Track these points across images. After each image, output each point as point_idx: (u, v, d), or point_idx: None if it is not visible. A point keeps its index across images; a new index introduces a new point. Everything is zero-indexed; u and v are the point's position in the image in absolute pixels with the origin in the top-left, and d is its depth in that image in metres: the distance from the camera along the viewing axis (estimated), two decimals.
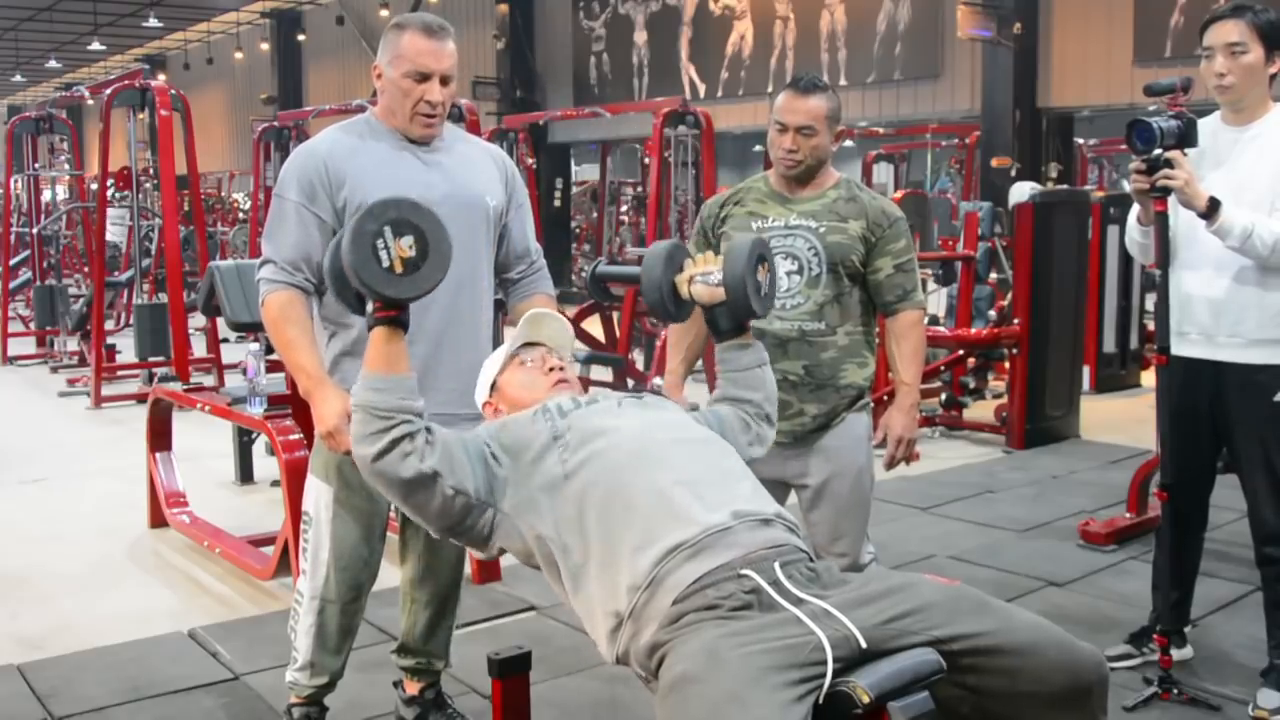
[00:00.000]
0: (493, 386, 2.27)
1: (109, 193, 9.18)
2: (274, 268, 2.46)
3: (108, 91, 8.12)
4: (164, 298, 8.11)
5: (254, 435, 5.48)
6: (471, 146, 2.71)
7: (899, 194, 10.69)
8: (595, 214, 15.83)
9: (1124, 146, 2.95)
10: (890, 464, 2.90)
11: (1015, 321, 6.72)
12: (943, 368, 6.98)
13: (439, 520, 1.95)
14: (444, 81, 2.53)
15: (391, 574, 4.26)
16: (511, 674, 2.06)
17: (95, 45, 24.00)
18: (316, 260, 2.42)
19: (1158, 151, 2.80)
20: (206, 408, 4.52)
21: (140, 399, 7.46)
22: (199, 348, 8.91)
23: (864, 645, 1.67)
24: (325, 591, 2.62)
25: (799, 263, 2.78)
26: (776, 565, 1.79)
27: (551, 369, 2.23)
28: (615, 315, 8.13)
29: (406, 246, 1.82)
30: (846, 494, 2.85)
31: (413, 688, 2.94)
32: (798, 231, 2.79)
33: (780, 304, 2.77)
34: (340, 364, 2.54)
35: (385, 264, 1.80)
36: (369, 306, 1.89)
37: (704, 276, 2.18)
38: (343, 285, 1.95)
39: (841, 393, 2.82)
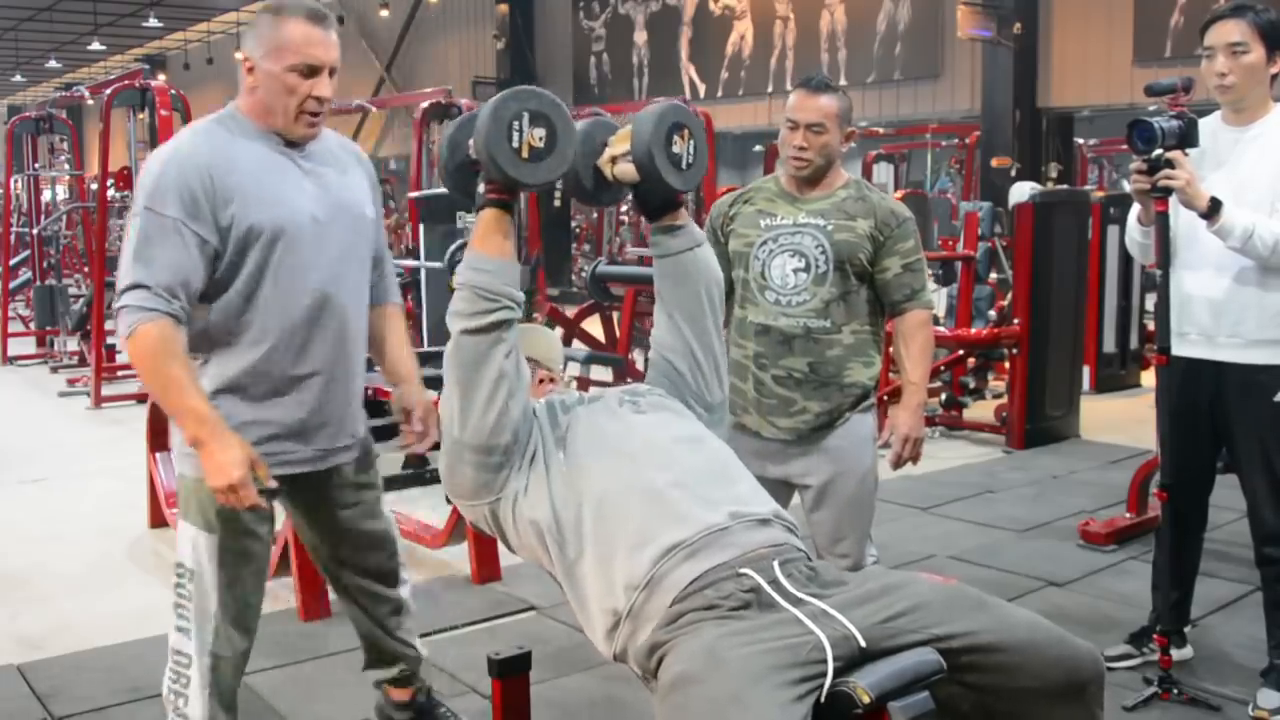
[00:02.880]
0: None
1: (109, 193, 9.17)
2: (145, 293, 2.09)
3: (108, 91, 8.13)
4: None
5: None
6: (340, 149, 2.45)
7: (899, 194, 10.69)
8: (595, 214, 15.83)
9: (1124, 146, 2.95)
10: (897, 463, 2.90)
11: (1015, 321, 6.72)
12: (943, 368, 6.98)
13: (475, 426, 1.89)
14: (330, 74, 2.29)
15: None
16: (511, 674, 2.06)
17: (95, 45, 24.00)
18: (195, 286, 2.15)
19: (1158, 151, 2.80)
20: None
21: (140, 399, 7.45)
22: None
23: (863, 645, 1.67)
24: (217, 647, 2.31)
25: (806, 260, 2.78)
26: (775, 564, 1.80)
27: (541, 381, 2.26)
28: (615, 315, 8.13)
29: (538, 137, 1.85)
30: (849, 495, 2.84)
31: (401, 694, 2.74)
32: (805, 229, 2.79)
33: (786, 301, 2.78)
34: (220, 401, 2.22)
35: (515, 145, 1.84)
36: (480, 189, 1.93)
37: (625, 156, 2.03)
38: (461, 169, 1.99)
39: (845, 391, 2.81)
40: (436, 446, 2.13)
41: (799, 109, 2.77)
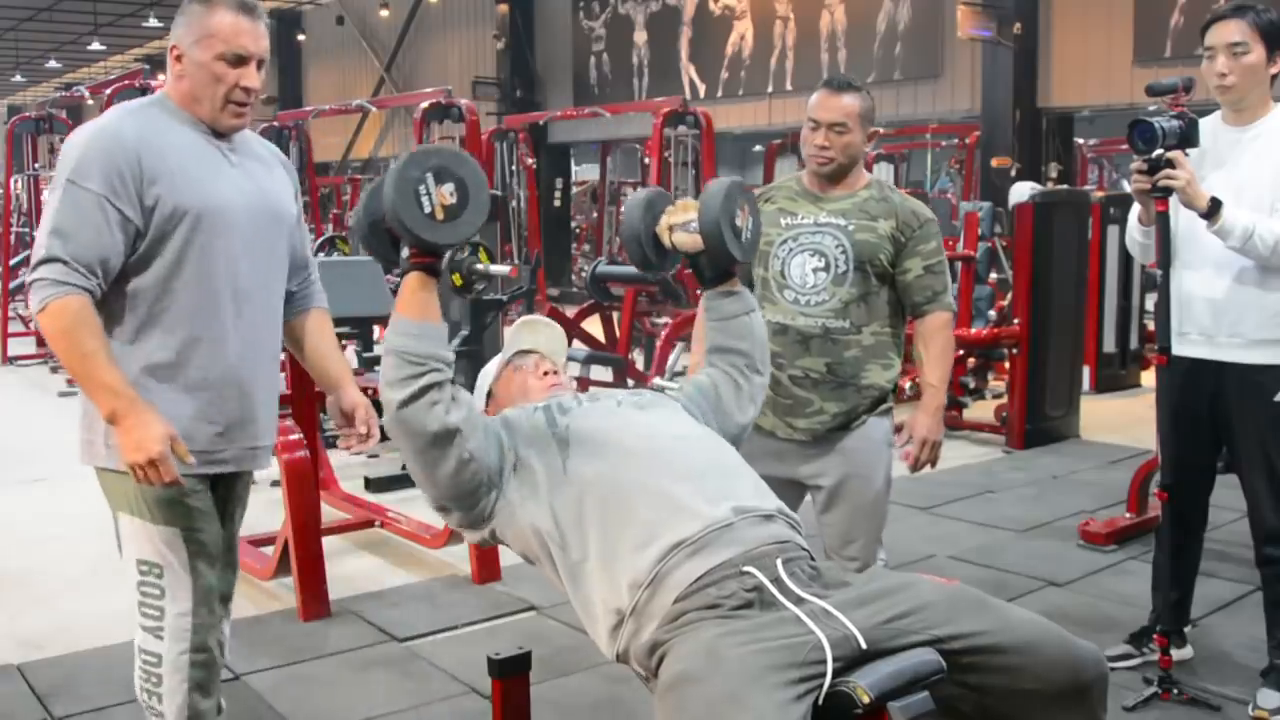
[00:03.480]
0: (489, 395, 2.28)
1: None
2: (63, 267, 2.03)
3: (108, 91, 8.13)
4: None
5: None
6: (261, 145, 2.40)
7: None
8: (595, 214, 15.84)
9: (1124, 146, 2.95)
10: (915, 466, 2.89)
11: (1015, 321, 6.72)
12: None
13: (447, 485, 1.90)
14: (259, 65, 2.22)
15: (392, 575, 4.27)
16: (511, 674, 2.06)
17: (95, 45, 23.99)
18: (113, 265, 2.09)
19: (1159, 151, 2.80)
20: None
21: None
22: None
23: (864, 645, 1.67)
24: (196, 641, 2.24)
25: (826, 260, 2.77)
26: (779, 562, 1.79)
27: (546, 373, 2.25)
28: (615, 315, 8.13)
29: (448, 194, 1.83)
30: (862, 497, 2.83)
31: None
32: (826, 229, 2.78)
33: (806, 300, 2.77)
34: (142, 384, 2.14)
35: (427, 210, 1.82)
36: (404, 253, 1.90)
37: (685, 225, 2.12)
38: (376, 234, 1.97)
39: (863, 393, 2.79)
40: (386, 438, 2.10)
41: (821, 109, 2.76)
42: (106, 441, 2.16)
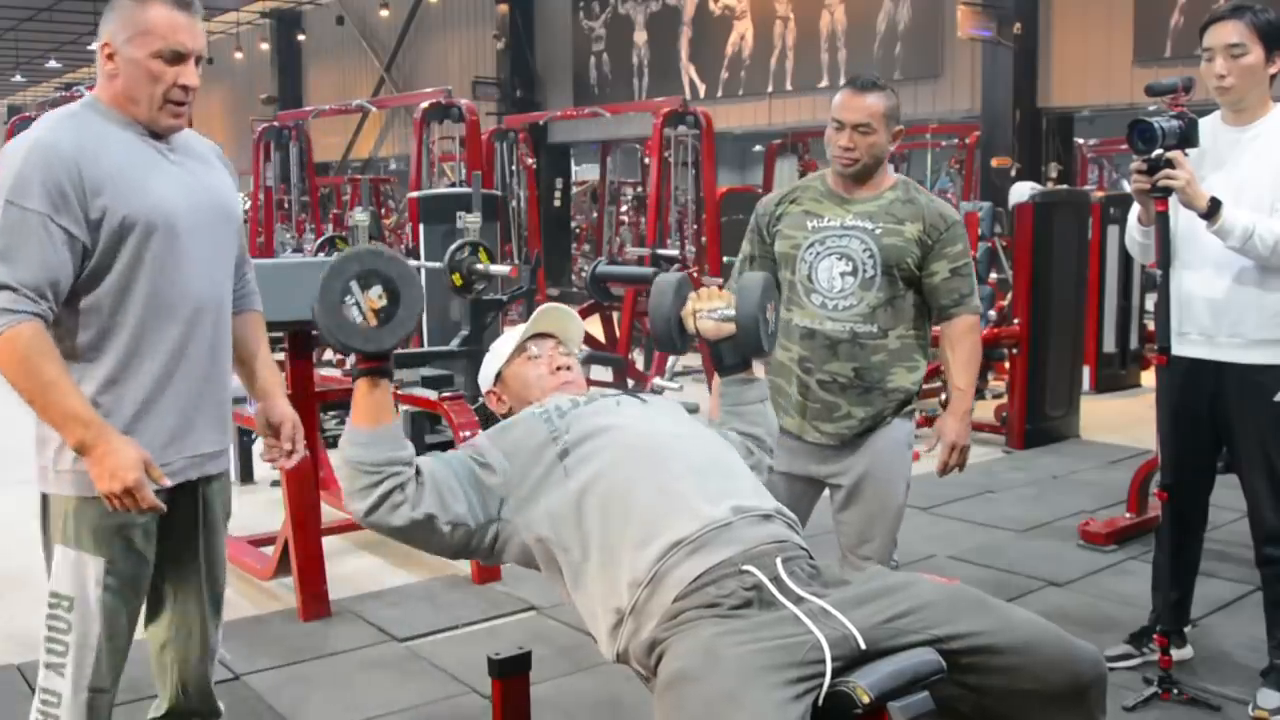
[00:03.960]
0: (498, 376, 2.26)
1: None
2: (10, 295, 1.91)
3: None
4: None
5: (254, 435, 5.48)
6: (198, 141, 2.28)
7: None
8: (595, 214, 15.84)
9: (1124, 146, 2.95)
10: (944, 470, 2.89)
11: (1015, 321, 6.72)
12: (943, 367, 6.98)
13: (442, 551, 1.97)
14: (197, 63, 2.10)
15: (392, 575, 4.27)
16: (511, 674, 2.06)
17: (95, 45, 23.98)
18: (64, 286, 1.97)
19: (1159, 151, 2.80)
20: None
21: None
22: None
23: (863, 645, 1.67)
24: (97, 680, 2.13)
25: (853, 264, 2.74)
26: (778, 561, 1.79)
27: (559, 368, 2.23)
28: (615, 315, 8.13)
29: (376, 297, 1.78)
30: (881, 497, 2.82)
31: None
32: (853, 232, 2.75)
33: (833, 305, 2.75)
34: (100, 403, 2.05)
35: (358, 320, 1.78)
36: (351, 358, 1.87)
37: (710, 312, 2.19)
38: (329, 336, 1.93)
39: (889, 396, 2.78)
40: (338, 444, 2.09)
41: (845, 109, 2.73)
42: (55, 468, 2.09)
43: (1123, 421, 7.05)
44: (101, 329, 2.05)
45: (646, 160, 11.51)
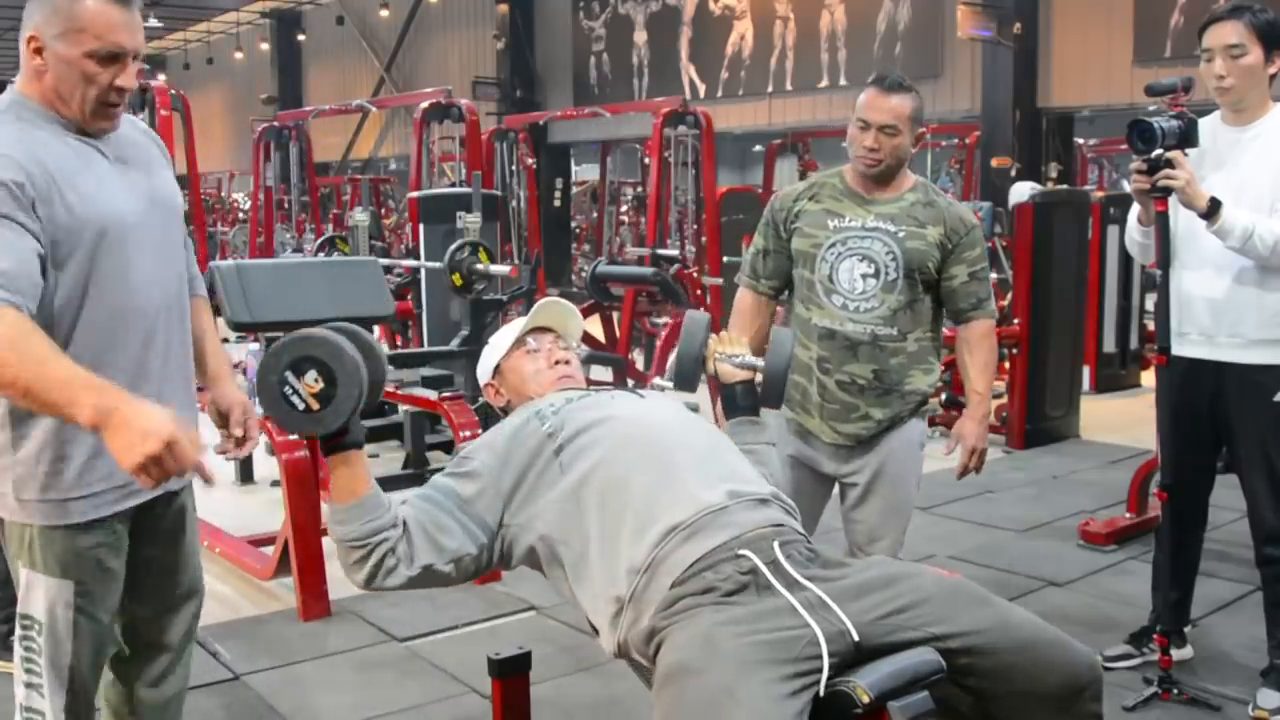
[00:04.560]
0: (496, 369, 2.26)
1: None
2: None
3: None
4: None
5: None
6: (135, 131, 2.12)
7: None
8: (595, 214, 15.83)
9: (1124, 146, 2.95)
10: (963, 473, 2.89)
11: (1015, 321, 6.72)
12: (943, 368, 6.97)
13: (458, 582, 1.98)
14: (135, 60, 1.95)
15: None
16: (511, 674, 2.06)
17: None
18: (37, 283, 1.82)
19: (1158, 151, 2.80)
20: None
21: None
22: None
23: (857, 639, 1.67)
24: (75, 699, 2.05)
25: (875, 266, 2.72)
26: (775, 545, 1.80)
27: (557, 362, 2.23)
28: (615, 315, 8.13)
29: (312, 381, 1.78)
30: (893, 495, 2.83)
31: None
32: (875, 234, 2.74)
33: (855, 306, 2.74)
34: (49, 442, 1.93)
35: (301, 408, 1.78)
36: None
37: (730, 357, 2.26)
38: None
39: (906, 398, 2.78)
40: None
41: (871, 109, 2.70)
42: (18, 496, 1.96)
43: (1123, 421, 7.05)
44: (57, 345, 1.83)
45: (646, 160, 11.50)
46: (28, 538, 1.98)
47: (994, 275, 8.58)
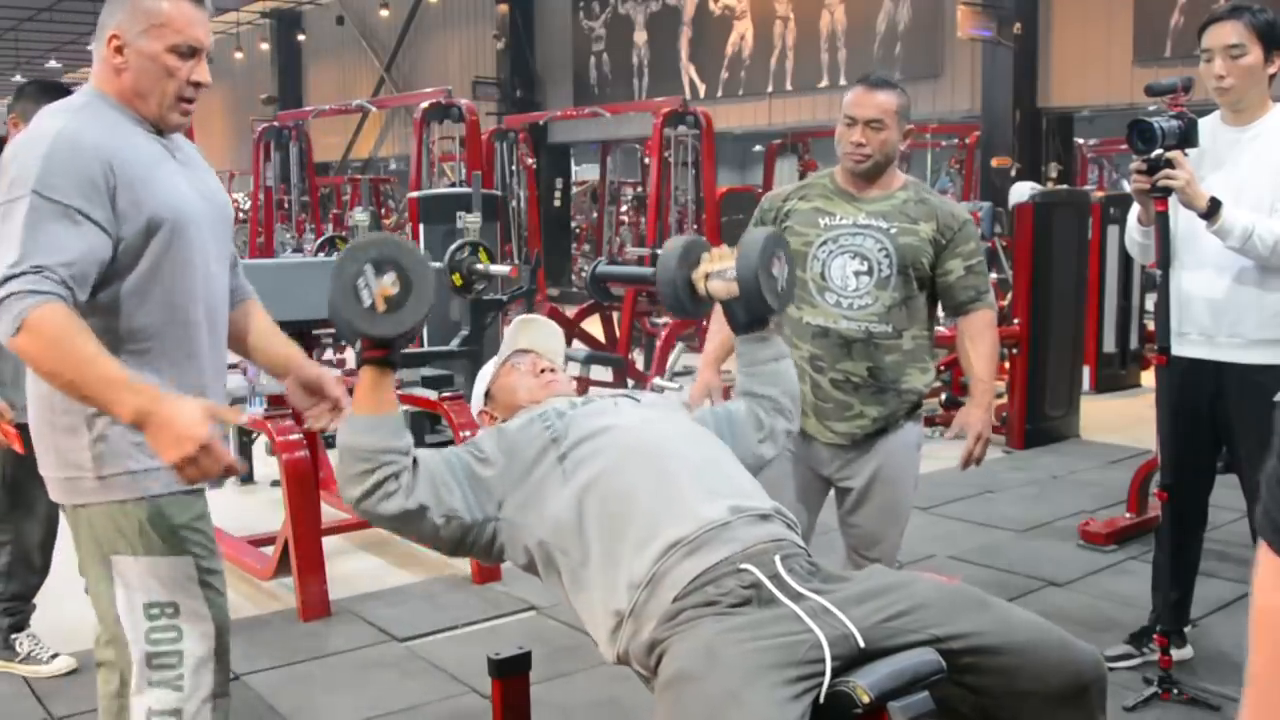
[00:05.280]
0: (487, 395, 2.29)
1: None
2: (34, 277, 1.75)
3: None
4: None
5: (254, 435, 5.48)
6: (186, 142, 2.17)
7: None
8: (595, 214, 15.84)
9: (1124, 146, 2.95)
10: (967, 462, 2.87)
11: (1015, 321, 6.72)
12: (942, 367, 6.98)
13: (438, 544, 1.97)
14: (208, 60, 2.04)
15: (392, 575, 4.27)
16: (511, 674, 2.06)
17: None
18: (91, 281, 1.84)
19: (1158, 151, 2.80)
20: None
21: None
22: None
23: (862, 644, 1.67)
24: (218, 686, 2.01)
25: (869, 263, 2.72)
26: (777, 559, 1.80)
27: (543, 370, 2.25)
28: (615, 315, 8.13)
29: (389, 284, 1.79)
30: (890, 499, 2.82)
31: None
32: (868, 231, 2.73)
33: (848, 304, 2.73)
34: (109, 432, 1.91)
35: (367, 303, 1.79)
36: (358, 345, 1.87)
37: (720, 273, 2.15)
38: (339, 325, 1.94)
39: (903, 397, 2.77)
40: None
41: (857, 105, 2.72)
42: (98, 473, 1.92)
43: (1123, 421, 7.05)
44: (114, 333, 1.91)
45: (646, 160, 11.51)
46: (127, 520, 1.93)
47: (994, 275, 8.60)
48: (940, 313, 3.00)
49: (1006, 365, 6.91)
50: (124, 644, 1.99)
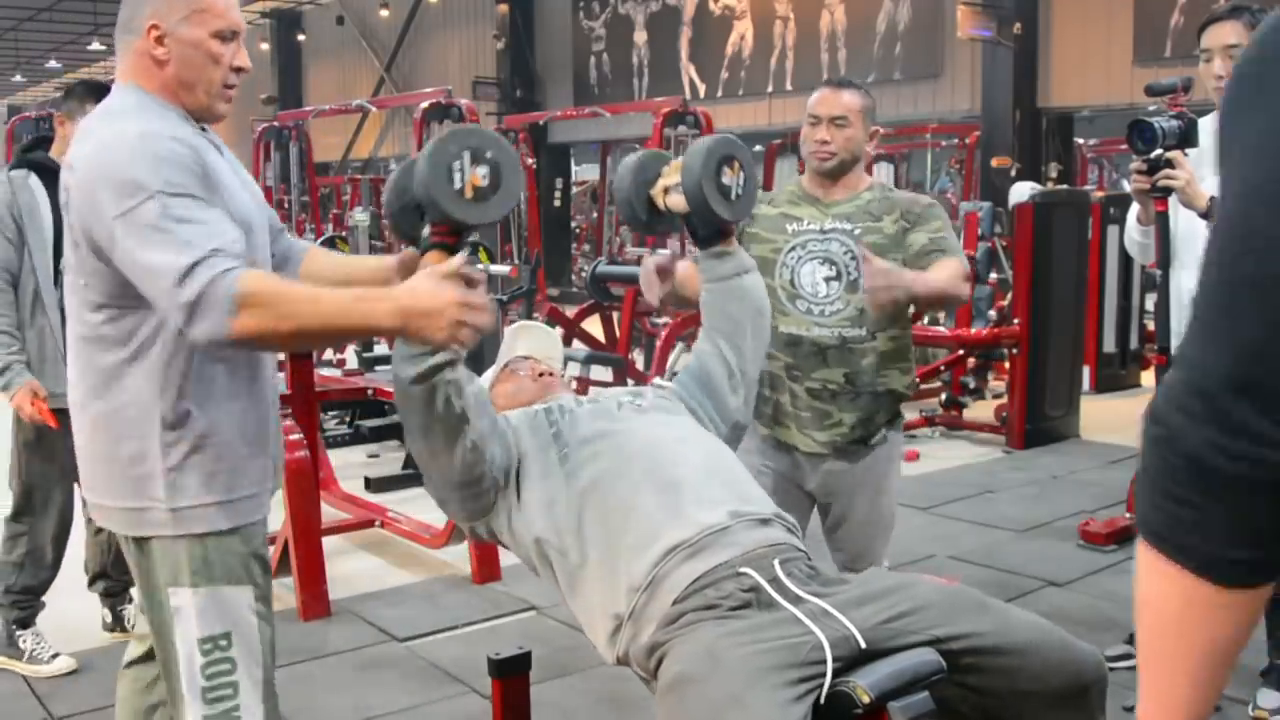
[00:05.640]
0: None
1: None
2: (214, 259, 1.66)
3: None
4: None
5: None
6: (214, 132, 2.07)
7: None
8: (595, 214, 15.82)
9: (1124, 146, 2.95)
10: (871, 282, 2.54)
11: (1015, 321, 6.72)
12: (943, 368, 6.98)
13: (448, 469, 1.90)
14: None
15: (392, 575, 4.27)
16: (511, 674, 2.06)
17: (95, 45, 23.96)
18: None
19: (1158, 151, 2.80)
20: None
21: None
22: None
23: (863, 645, 1.67)
24: (270, 712, 1.99)
25: (836, 268, 2.69)
26: (776, 563, 1.80)
27: (541, 374, 2.27)
28: (615, 315, 8.13)
29: (481, 175, 1.80)
30: (872, 514, 2.80)
31: None
32: (833, 235, 2.70)
33: (819, 310, 2.69)
34: (194, 464, 1.87)
35: (457, 186, 1.79)
36: (425, 231, 1.87)
37: (677, 186, 2.08)
38: (405, 211, 1.95)
39: (879, 399, 2.73)
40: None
41: (821, 103, 2.72)
42: (170, 505, 1.86)
43: (1123, 421, 7.04)
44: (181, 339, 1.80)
45: None
46: (191, 554, 1.88)
47: (994, 275, 8.61)
48: (941, 312, 2.98)
49: (1006, 365, 6.91)
50: (177, 677, 1.93)
